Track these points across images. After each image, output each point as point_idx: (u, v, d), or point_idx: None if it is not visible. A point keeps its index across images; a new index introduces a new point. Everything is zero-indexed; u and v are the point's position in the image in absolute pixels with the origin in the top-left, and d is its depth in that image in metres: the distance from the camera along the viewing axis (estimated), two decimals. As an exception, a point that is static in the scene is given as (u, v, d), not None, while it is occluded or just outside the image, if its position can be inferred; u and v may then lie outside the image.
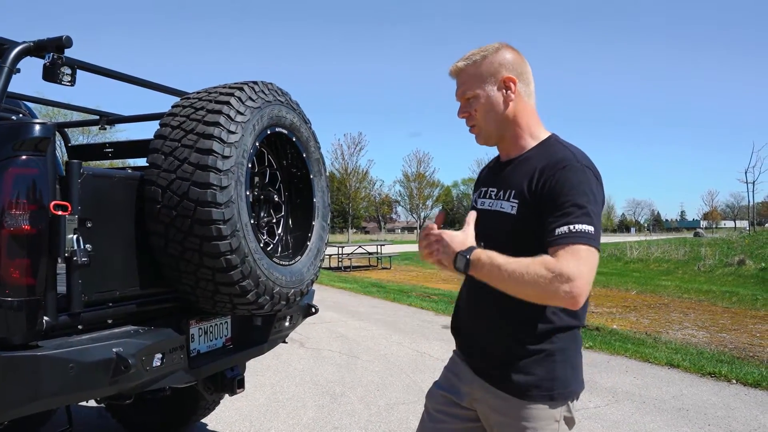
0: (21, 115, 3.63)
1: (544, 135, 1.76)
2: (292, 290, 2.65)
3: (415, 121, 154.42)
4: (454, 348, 1.97)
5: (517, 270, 1.47)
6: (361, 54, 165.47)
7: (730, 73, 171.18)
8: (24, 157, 1.90)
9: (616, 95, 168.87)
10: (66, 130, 4.24)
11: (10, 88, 2.30)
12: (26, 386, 1.88)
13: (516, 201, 1.65)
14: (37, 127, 1.93)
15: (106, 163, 4.79)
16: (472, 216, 1.68)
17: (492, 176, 1.85)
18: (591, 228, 1.50)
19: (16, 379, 1.86)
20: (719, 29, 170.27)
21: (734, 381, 5.55)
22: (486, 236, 1.69)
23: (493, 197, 1.76)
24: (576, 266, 1.44)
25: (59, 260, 1.97)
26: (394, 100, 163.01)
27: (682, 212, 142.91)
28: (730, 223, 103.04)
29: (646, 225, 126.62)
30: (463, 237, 1.61)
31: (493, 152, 1.94)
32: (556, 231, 1.50)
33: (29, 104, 3.87)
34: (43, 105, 3.76)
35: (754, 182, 35.36)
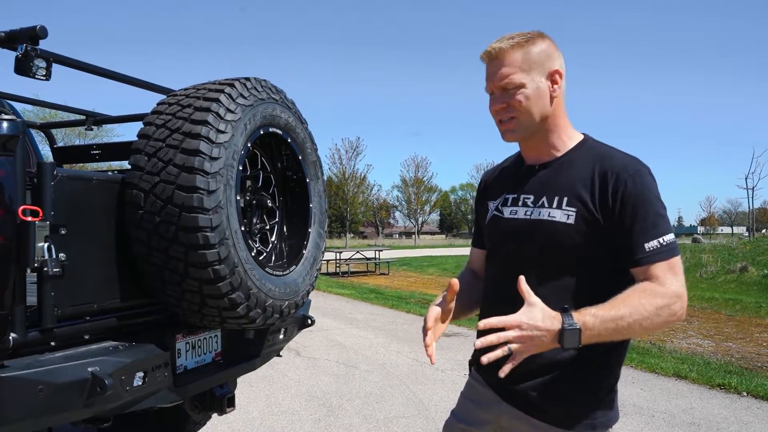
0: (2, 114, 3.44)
1: (578, 136, 1.62)
2: (286, 302, 2.46)
3: (415, 124, 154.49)
4: (471, 372, 1.78)
5: (634, 314, 1.35)
6: (359, 55, 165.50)
7: (727, 80, 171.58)
8: (-12, 156, 1.72)
9: (613, 101, 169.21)
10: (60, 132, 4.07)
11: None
12: (-13, 411, 1.69)
13: (572, 209, 1.49)
14: (4, 124, 1.75)
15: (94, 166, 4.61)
16: (524, 285, 1.38)
17: (520, 181, 1.65)
18: (674, 236, 1.46)
19: (-24, 404, 1.68)
20: (716, 35, 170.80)
21: (745, 393, 5.37)
22: (529, 249, 1.54)
23: (532, 205, 1.57)
24: (679, 282, 1.42)
25: (29, 270, 1.78)
26: (392, 104, 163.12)
27: (680, 218, 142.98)
28: (727, 229, 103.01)
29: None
30: (539, 309, 1.34)
31: (496, 157, 1.77)
32: (647, 246, 1.42)
33: (12, 103, 3.67)
34: (25, 103, 3.57)
35: (753, 188, 35.23)
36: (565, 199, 1.51)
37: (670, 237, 1.44)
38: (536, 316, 1.32)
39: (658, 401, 5.18)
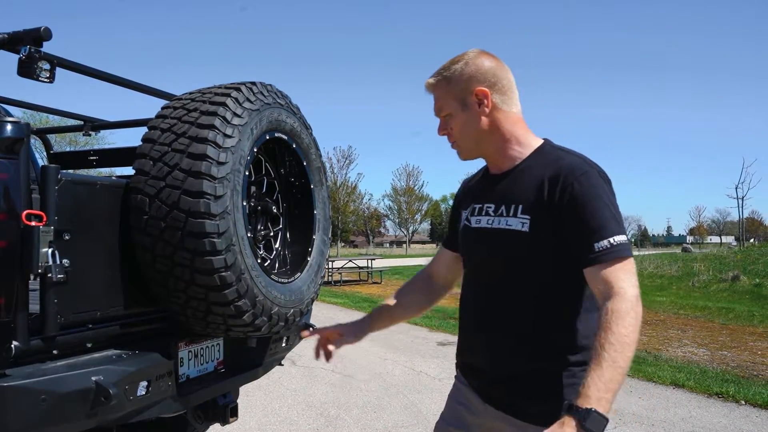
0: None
1: (535, 142, 1.64)
2: (292, 310, 2.42)
3: (410, 127, 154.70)
4: (457, 374, 1.80)
5: (621, 351, 1.31)
6: (356, 56, 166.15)
7: (716, 91, 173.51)
8: (-7, 159, 1.68)
9: (603, 112, 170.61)
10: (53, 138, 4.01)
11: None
12: (-11, 422, 1.64)
13: (526, 216, 1.52)
14: (9, 126, 1.70)
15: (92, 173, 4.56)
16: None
17: (484, 190, 1.69)
18: (625, 236, 1.45)
19: (-23, 414, 1.63)
20: (705, 45, 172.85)
21: (743, 402, 5.36)
22: (493, 259, 1.58)
23: (493, 214, 1.61)
24: (633, 283, 1.40)
25: (32, 277, 1.73)
26: (384, 114, 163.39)
27: (669, 227, 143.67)
28: (716, 239, 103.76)
29: (633, 240, 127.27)
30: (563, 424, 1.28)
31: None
32: (596, 246, 1.41)
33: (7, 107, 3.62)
34: (22, 108, 3.52)
35: (743, 198, 35.47)
36: (520, 206, 1.54)
37: (621, 238, 1.42)
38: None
39: (657, 410, 5.16)
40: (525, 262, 1.53)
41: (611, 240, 1.41)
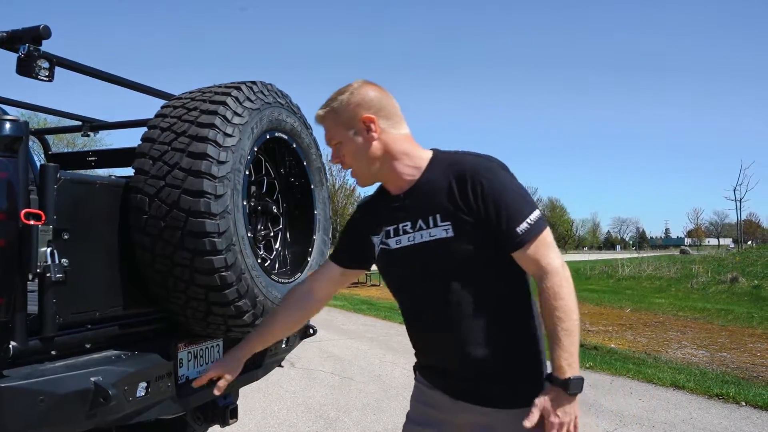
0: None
1: (426, 154, 1.71)
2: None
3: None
4: (417, 377, 1.86)
5: (567, 319, 1.52)
6: (353, 57, 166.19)
7: (714, 92, 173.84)
8: (-9, 158, 1.66)
9: (600, 113, 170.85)
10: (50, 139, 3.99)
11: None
12: (-14, 423, 1.62)
13: (447, 223, 1.59)
14: (8, 125, 1.68)
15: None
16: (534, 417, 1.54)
17: (393, 211, 1.72)
18: (537, 210, 1.58)
19: (-26, 415, 1.61)
20: (703, 46, 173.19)
21: (744, 403, 5.35)
22: (430, 270, 1.64)
23: (412, 230, 1.66)
24: (556, 253, 1.57)
25: (30, 276, 1.71)
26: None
27: (667, 230, 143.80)
28: (714, 241, 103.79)
29: (631, 242, 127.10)
30: (549, 396, 1.53)
31: None
32: (519, 230, 1.54)
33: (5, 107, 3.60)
34: (20, 108, 3.50)
35: (741, 200, 35.49)
36: (438, 216, 1.60)
37: (536, 214, 1.56)
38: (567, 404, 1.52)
39: (658, 411, 5.15)
40: (462, 264, 1.60)
41: (528, 220, 1.55)
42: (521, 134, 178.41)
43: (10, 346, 1.66)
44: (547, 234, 1.58)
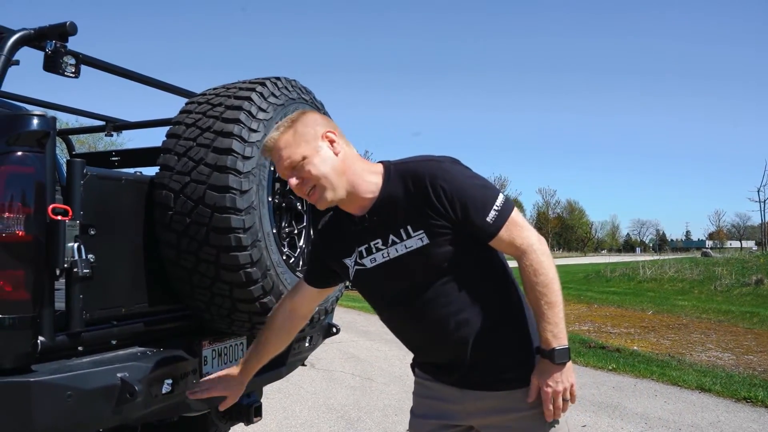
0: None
1: (378, 168, 1.71)
2: (316, 308, 2.38)
3: (410, 128, 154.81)
4: (417, 373, 1.88)
5: (550, 291, 1.58)
6: (351, 60, 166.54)
7: (736, 95, 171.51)
8: (19, 153, 1.67)
9: (622, 118, 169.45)
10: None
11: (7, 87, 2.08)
12: (15, 417, 1.62)
13: (420, 232, 1.60)
14: (36, 120, 1.69)
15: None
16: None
17: (360, 233, 1.69)
18: (501, 194, 1.63)
19: (3, 409, 1.61)
20: (724, 47, 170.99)
21: (773, 407, 5.23)
22: (413, 281, 1.65)
23: (385, 247, 1.66)
24: (528, 229, 1.62)
25: (57, 272, 1.71)
26: (384, 112, 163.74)
27: (687, 232, 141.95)
28: (735, 243, 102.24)
29: (651, 245, 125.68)
30: (542, 367, 1.62)
31: (493, 171, 1.77)
32: (489, 219, 1.58)
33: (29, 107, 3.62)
34: (45, 108, 3.52)
35: (765, 201, 34.89)
36: (409, 227, 1.61)
37: (500, 199, 1.60)
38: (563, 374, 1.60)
39: (684, 414, 5.05)
40: (444, 265, 1.62)
41: (495, 207, 1.58)
42: (541, 136, 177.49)
43: (38, 341, 1.66)
44: (516, 214, 1.62)
